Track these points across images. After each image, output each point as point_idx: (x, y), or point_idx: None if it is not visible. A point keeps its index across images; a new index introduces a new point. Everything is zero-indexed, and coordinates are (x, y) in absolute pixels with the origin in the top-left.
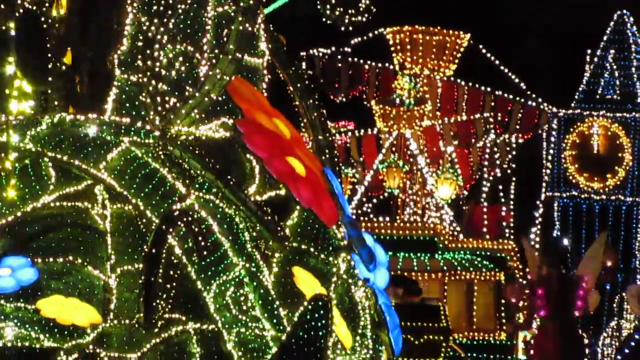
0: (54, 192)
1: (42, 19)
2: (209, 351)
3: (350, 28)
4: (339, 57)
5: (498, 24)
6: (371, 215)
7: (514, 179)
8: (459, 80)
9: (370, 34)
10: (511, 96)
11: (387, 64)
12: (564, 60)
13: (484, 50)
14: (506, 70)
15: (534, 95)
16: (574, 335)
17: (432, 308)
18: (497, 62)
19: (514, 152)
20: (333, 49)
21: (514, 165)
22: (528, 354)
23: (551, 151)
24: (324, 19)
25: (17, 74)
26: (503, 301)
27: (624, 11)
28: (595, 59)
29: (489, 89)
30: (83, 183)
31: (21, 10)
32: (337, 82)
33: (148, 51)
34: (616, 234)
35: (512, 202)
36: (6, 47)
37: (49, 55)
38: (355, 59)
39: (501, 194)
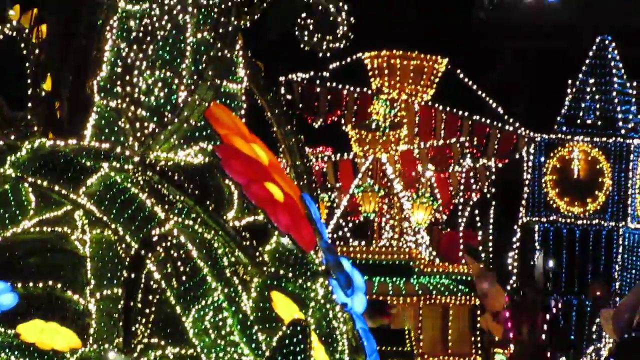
0: (34, 217)
1: (22, 45)
2: None
3: (328, 54)
4: (318, 82)
5: (475, 48)
6: (348, 240)
7: (493, 203)
8: (436, 105)
9: (349, 59)
10: (488, 120)
11: (365, 89)
12: (545, 84)
13: (461, 75)
14: (483, 95)
15: (511, 120)
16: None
17: (398, 332)
18: (474, 86)
19: (493, 177)
20: (312, 73)
21: (493, 190)
22: None
23: (529, 176)
24: (302, 45)
25: None
26: (478, 325)
27: (606, 36)
28: (577, 84)
29: (466, 114)
30: (63, 208)
31: (1, 37)
32: (316, 107)
33: (127, 77)
34: (597, 258)
35: (490, 227)
36: None
37: (29, 81)
38: (334, 84)
39: (477, 219)
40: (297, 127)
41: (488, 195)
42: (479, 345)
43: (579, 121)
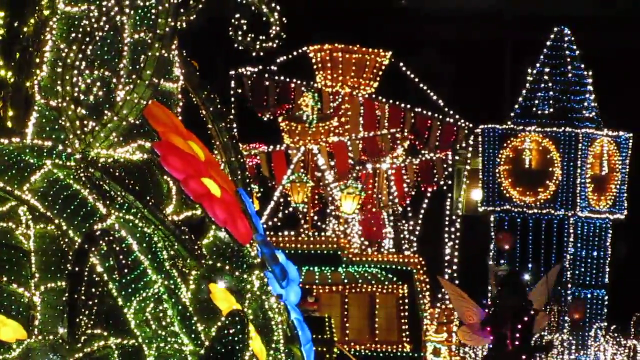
0: None
1: None
2: None
3: (262, 53)
4: (266, 75)
5: (396, 35)
6: (279, 229)
7: (449, 195)
8: (380, 98)
9: (295, 53)
10: (429, 113)
11: (311, 82)
12: (465, 71)
13: (404, 68)
14: (425, 88)
15: (451, 112)
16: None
17: (318, 320)
18: (416, 79)
19: (450, 169)
20: (260, 67)
21: (450, 182)
22: None
23: (484, 166)
24: (235, 45)
25: None
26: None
27: (562, 27)
28: (533, 74)
29: (408, 106)
30: (7, 204)
31: None
32: (265, 100)
33: (67, 77)
34: (548, 247)
35: (447, 217)
36: None
37: None
38: (282, 77)
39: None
40: (231, 124)
41: (445, 187)
42: (407, 333)
43: (533, 111)
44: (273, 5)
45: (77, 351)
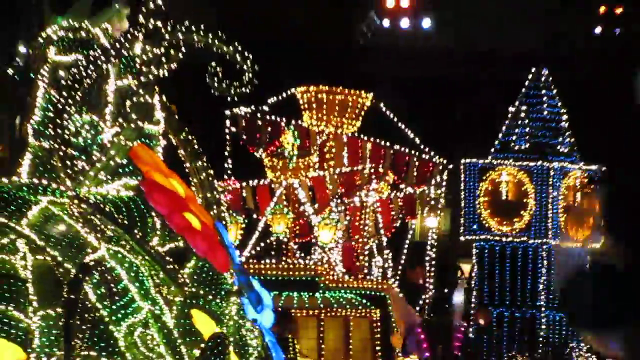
0: None
1: None
2: None
3: (236, 98)
4: (259, 115)
5: (354, 73)
6: (261, 258)
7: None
8: (362, 136)
9: (284, 94)
10: (407, 150)
11: (299, 121)
12: (422, 108)
13: (384, 109)
14: (403, 127)
15: (426, 149)
16: None
17: (282, 340)
18: (395, 119)
19: (432, 202)
20: (253, 107)
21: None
22: None
23: (464, 198)
24: (212, 91)
25: None
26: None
27: (542, 67)
28: (512, 111)
29: (388, 144)
30: (6, 238)
31: None
32: (257, 138)
33: (57, 120)
34: (524, 273)
35: (433, 245)
36: None
37: None
38: (273, 117)
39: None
40: (207, 162)
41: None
42: (379, 355)
43: (511, 147)
44: (245, 54)
45: None
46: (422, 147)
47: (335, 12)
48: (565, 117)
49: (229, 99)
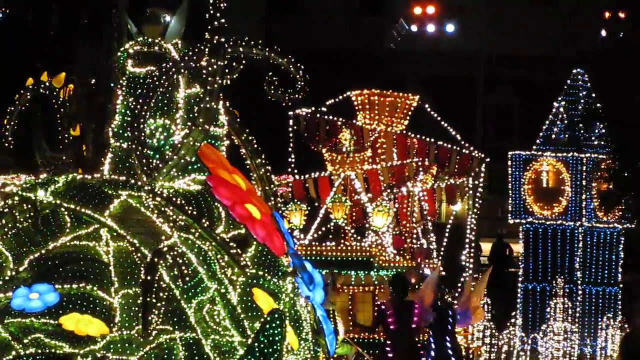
0: (69, 234)
1: (54, 101)
2: (192, 354)
3: (290, 104)
4: (318, 115)
5: (386, 74)
6: (323, 240)
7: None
8: (409, 133)
9: (341, 97)
10: (449, 145)
11: (354, 121)
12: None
13: (429, 109)
14: (446, 125)
15: (466, 145)
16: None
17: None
18: (439, 118)
19: (471, 192)
20: (313, 108)
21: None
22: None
23: (512, 186)
24: (269, 97)
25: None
26: None
27: (580, 69)
28: (554, 109)
29: (432, 140)
30: (91, 227)
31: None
32: (317, 136)
33: (135, 124)
34: (562, 252)
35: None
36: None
37: (59, 128)
38: (331, 117)
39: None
40: (266, 159)
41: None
42: None
43: (552, 140)
44: (298, 65)
45: (149, 343)
46: (462, 142)
47: (370, 20)
48: (600, 111)
49: (283, 104)
